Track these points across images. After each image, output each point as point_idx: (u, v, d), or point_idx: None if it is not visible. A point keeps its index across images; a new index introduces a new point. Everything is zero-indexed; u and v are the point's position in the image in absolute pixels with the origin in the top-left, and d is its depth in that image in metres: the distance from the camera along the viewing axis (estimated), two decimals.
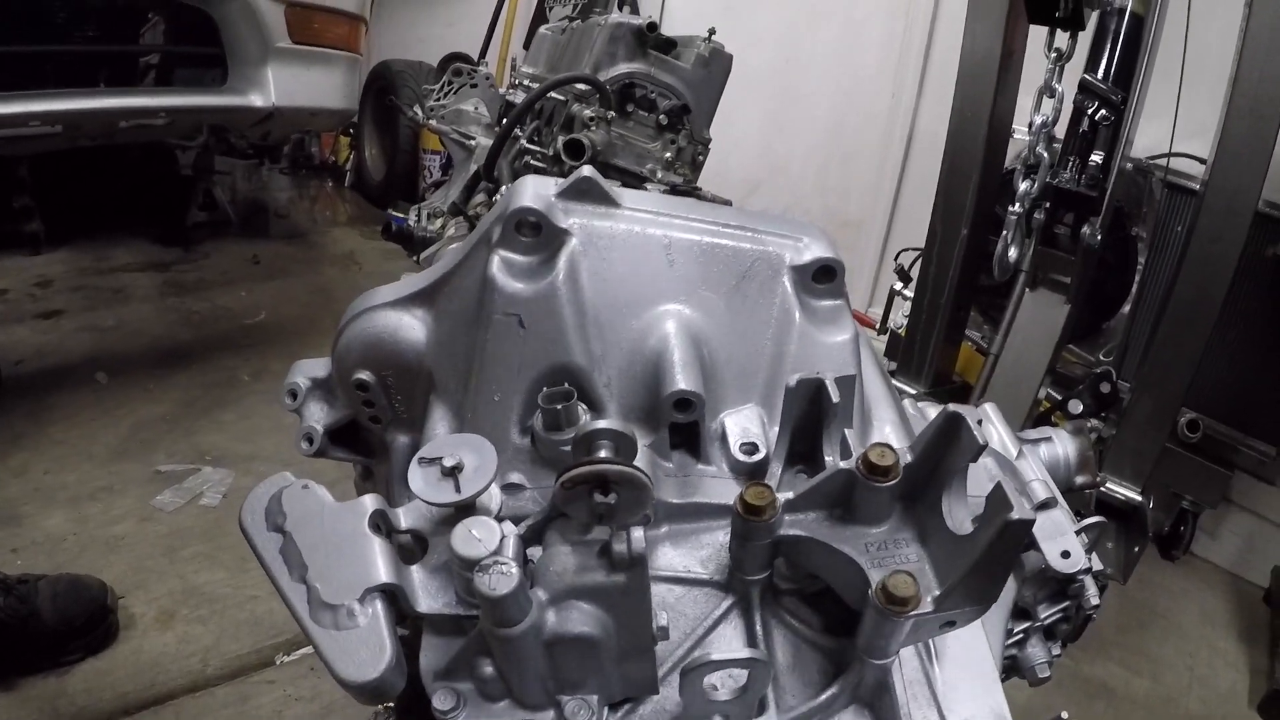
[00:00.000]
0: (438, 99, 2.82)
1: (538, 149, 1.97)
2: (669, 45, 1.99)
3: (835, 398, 0.66)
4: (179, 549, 2.31)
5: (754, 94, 4.17)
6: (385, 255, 4.77)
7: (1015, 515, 0.52)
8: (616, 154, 1.94)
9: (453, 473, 0.63)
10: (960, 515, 0.59)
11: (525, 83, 2.32)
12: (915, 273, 2.78)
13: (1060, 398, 2.23)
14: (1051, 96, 2.00)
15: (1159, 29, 2.00)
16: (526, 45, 3.69)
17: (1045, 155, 1.98)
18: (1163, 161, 2.42)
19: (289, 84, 3.11)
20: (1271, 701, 2.27)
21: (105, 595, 1.99)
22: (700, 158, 2.14)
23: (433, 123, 2.72)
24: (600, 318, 0.77)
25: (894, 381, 2.54)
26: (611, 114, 1.90)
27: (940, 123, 2.35)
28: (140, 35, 3.22)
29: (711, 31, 2.02)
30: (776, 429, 0.76)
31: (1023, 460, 1.14)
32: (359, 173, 6.03)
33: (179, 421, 2.90)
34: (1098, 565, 0.96)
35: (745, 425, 0.78)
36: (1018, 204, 2.02)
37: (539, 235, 0.78)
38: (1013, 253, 2.04)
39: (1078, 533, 0.85)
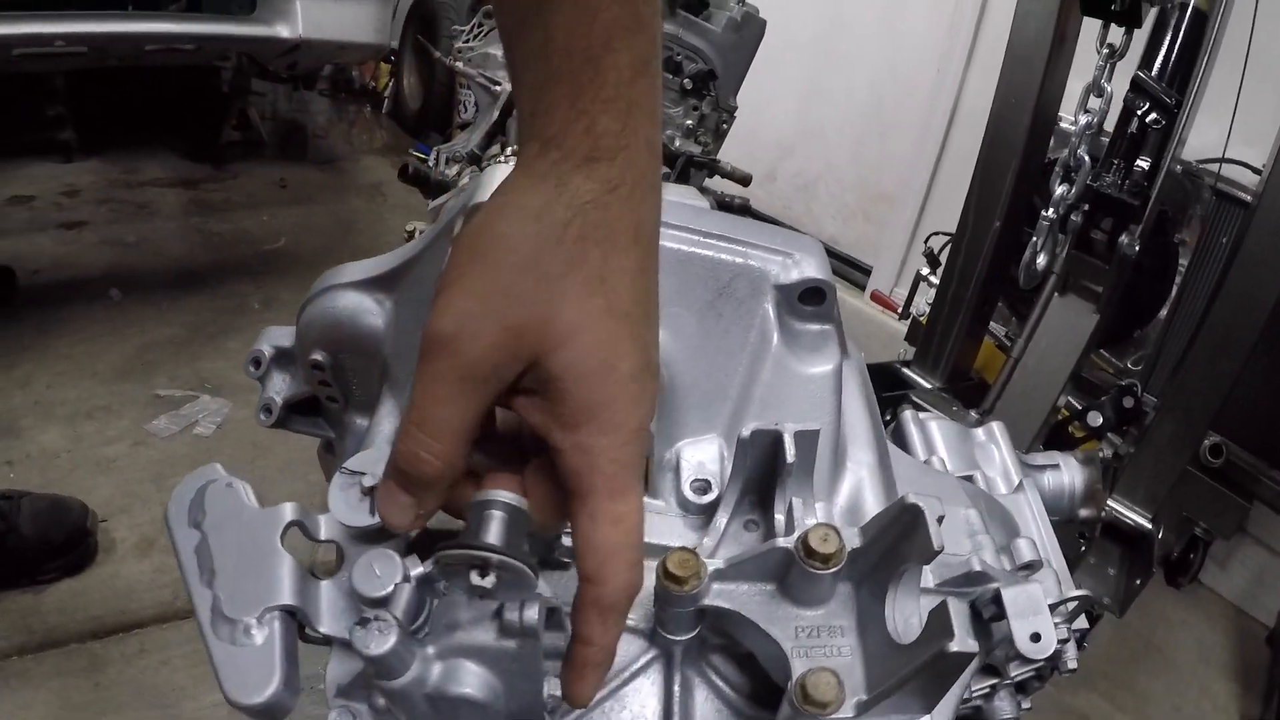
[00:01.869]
0: (466, 40, 2.74)
1: None
2: (699, 5, 1.89)
3: (790, 456, 0.59)
4: (167, 476, 2.30)
5: (794, 54, 4.02)
6: (412, 189, 4.72)
7: (954, 647, 0.46)
8: None
9: (372, 493, 0.60)
10: (905, 617, 0.53)
11: None
12: (945, 258, 2.68)
13: (1080, 407, 2.14)
14: (1100, 96, 1.86)
15: (1223, 28, 1.87)
16: None
17: (1087, 159, 1.86)
18: (1213, 167, 2.28)
19: (317, 16, 3.05)
20: None
21: (85, 518, 2.02)
22: (725, 126, 2.05)
23: (459, 65, 2.64)
24: None
25: (908, 372, 2.46)
26: None
27: (986, 101, 2.23)
28: None
29: None
30: None
31: (1019, 495, 1.07)
32: (396, 100, 5.96)
33: (185, 345, 2.89)
34: (1082, 625, 0.89)
35: (701, 460, 0.72)
36: (1052, 209, 1.91)
37: None
38: (1042, 260, 1.93)
39: (1057, 604, 0.78)
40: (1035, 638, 0.76)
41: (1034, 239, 1.95)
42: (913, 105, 3.63)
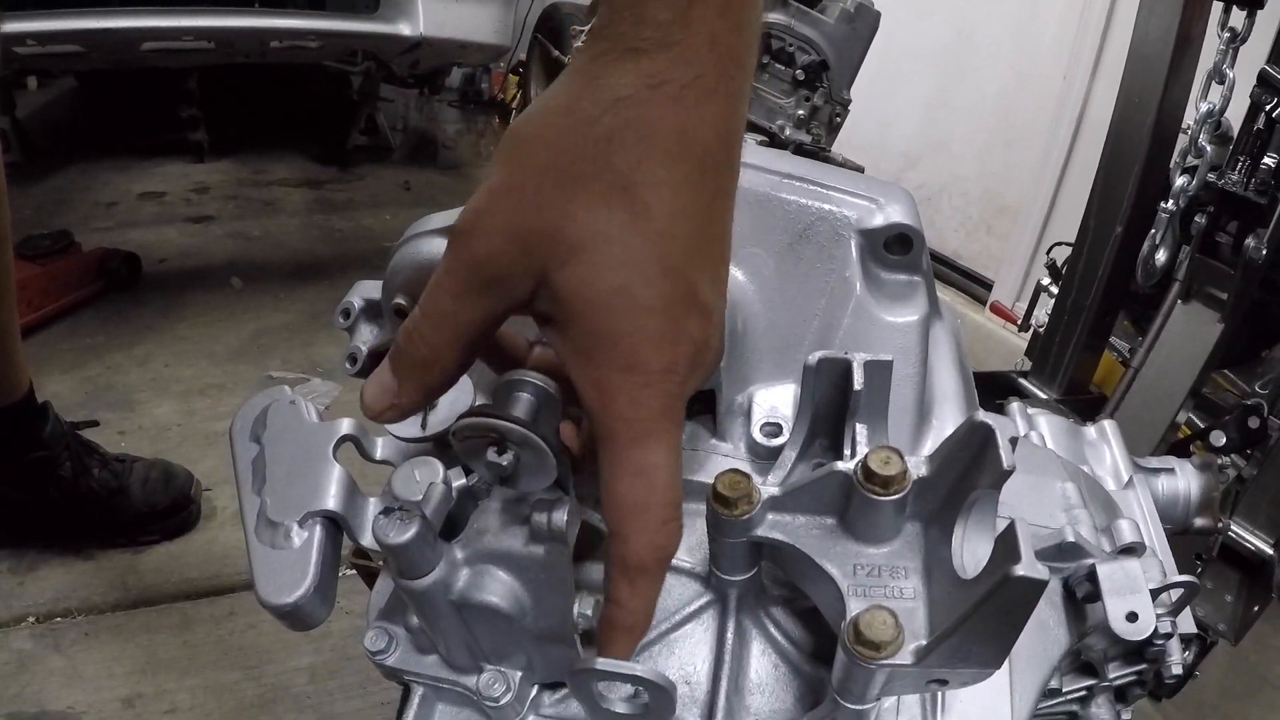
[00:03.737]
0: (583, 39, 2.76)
1: None
2: None
3: (858, 383, 0.55)
4: None
5: (921, 66, 3.95)
6: None
7: (1019, 571, 0.40)
8: None
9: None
10: (973, 553, 0.48)
11: None
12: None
13: (1203, 426, 2.01)
14: (1221, 83, 1.74)
15: None
16: None
17: (1209, 149, 1.75)
18: None
19: (439, 15, 3.12)
20: None
21: (190, 486, 2.08)
22: (838, 119, 2.00)
23: None
24: None
25: (1023, 382, 2.35)
26: None
27: (1112, 107, 2.14)
28: None
29: None
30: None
31: (1129, 491, 1.01)
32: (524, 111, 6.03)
33: (299, 331, 2.96)
34: (1188, 628, 0.82)
35: (774, 404, 0.68)
36: (1171, 201, 1.80)
37: None
38: (1160, 256, 1.83)
39: (1159, 591, 0.72)
40: (1132, 617, 0.70)
41: (1153, 232, 1.84)
42: (1039, 115, 3.50)
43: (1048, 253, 2.69)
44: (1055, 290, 2.46)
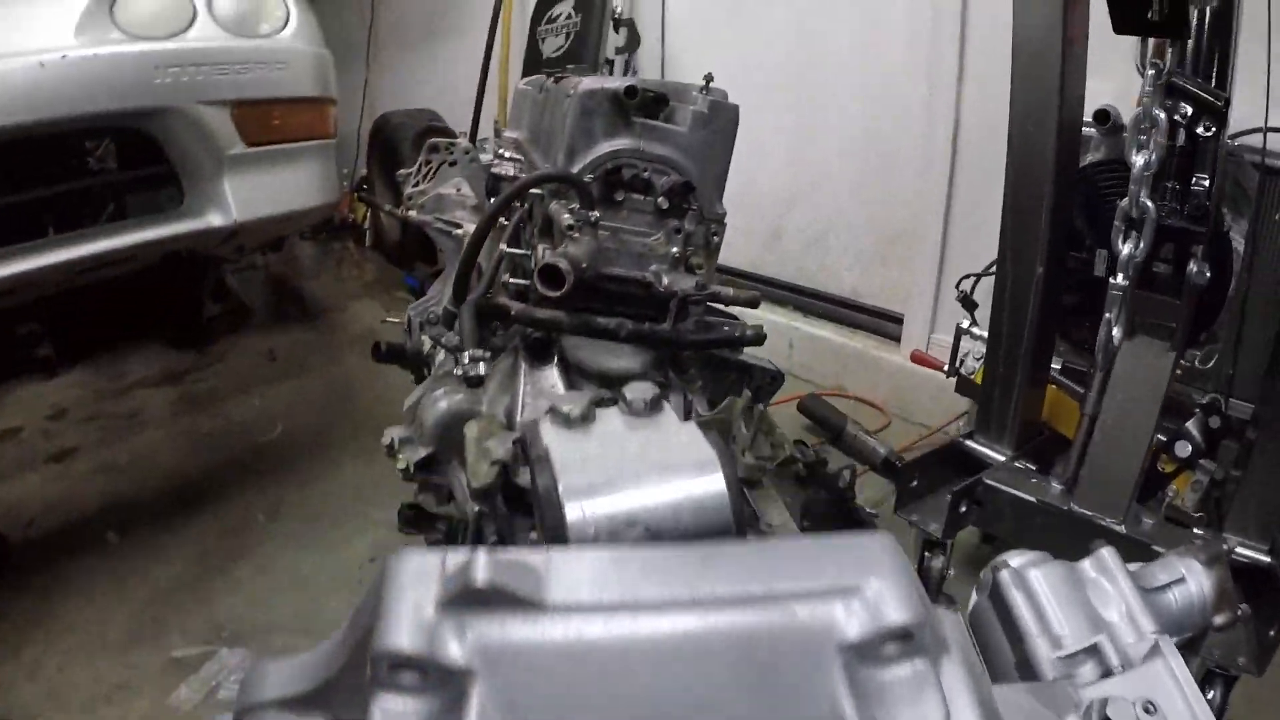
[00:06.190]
0: (415, 184, 2.52)
1: (519, 251, 1.66)
2: (657, 105, 1.60)
3: None
4: None
5: (775, 102, 3.77)
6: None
7: None
8: (611, 261, 1.59)
9: None
10: None
11: (509, 154, 1.98)
12: (978, 296, 2.43)
13: (1164, 439, 1.87)
14: (1155, 127, 1.59)
15: None
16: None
17: (1151, 207, 1.59)
18: (1251, 140, 1.99)
19: (250, 195, 2.79)
20: None
21: None
22: (715, 239, 1.78)
23: (413, 214, 2.41)
24: None
25: (974, 445, 2.17)
26: (595, 214, 1.55)
27: (987, 109, 1.98)
28: (88, 161, 2.84)
29: (708, 79, 1.64)
30: None
31: (1157, 663, 0.90)
32: (377, 232, 5.81)
33: (193, 586, 2.67)
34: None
35: None
36: (1121, 275, 1.64)
37: (426, 677, 0.49)
38: (1117, 333, 1.66)
39: None
40: None
41: (1105, 316, 1.67)
42: (910, 130, 3.37)
43: (957, 286, 2.55)
44: (977, 330, 2.31)
